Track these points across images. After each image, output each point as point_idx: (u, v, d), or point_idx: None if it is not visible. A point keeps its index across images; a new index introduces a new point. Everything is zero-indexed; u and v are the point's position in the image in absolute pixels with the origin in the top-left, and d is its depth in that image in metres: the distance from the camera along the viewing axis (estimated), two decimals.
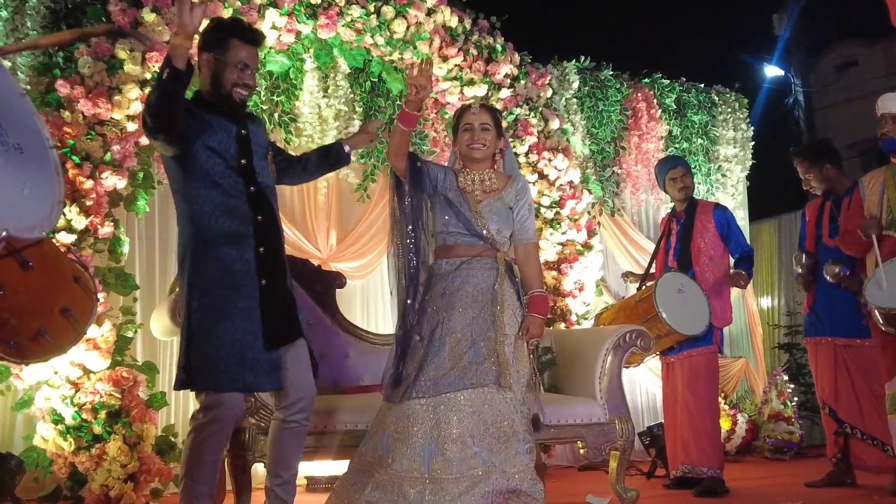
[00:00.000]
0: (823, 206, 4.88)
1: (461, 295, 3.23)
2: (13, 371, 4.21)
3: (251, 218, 3.01)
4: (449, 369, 3.11)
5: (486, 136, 3.33)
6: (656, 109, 6.73)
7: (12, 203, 2.26)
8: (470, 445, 3.03)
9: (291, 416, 3.09)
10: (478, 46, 5.58)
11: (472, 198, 3.31)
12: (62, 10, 4.60)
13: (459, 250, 3.30)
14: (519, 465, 3.05)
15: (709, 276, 4.72)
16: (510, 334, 3.20)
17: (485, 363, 3.12)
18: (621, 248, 6.52)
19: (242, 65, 3.02)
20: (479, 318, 3.20)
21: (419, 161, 3.35)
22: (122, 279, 4.51)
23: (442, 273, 3.30)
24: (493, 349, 3.14)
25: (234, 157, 3.02)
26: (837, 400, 4.71)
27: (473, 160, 3.36)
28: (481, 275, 3.26)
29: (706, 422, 4.62)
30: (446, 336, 3.17)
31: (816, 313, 4.84)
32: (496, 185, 3.36)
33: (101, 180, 4.39)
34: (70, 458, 4.18)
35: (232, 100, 3.04)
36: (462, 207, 3.30)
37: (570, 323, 5.68)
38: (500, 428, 3.08)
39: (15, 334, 2.65)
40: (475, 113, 3.36)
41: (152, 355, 4.77)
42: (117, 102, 4.43)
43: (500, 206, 3.32)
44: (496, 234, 3.29)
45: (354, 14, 5.10)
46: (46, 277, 2.69)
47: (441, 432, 3.04)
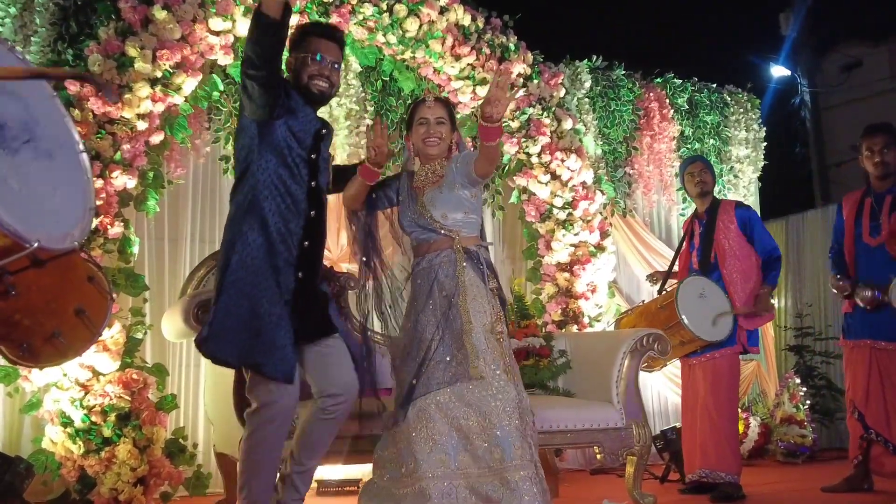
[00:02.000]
0: (863, 202, 4.73)
1: (425, 294, 3.22)
2: (21, 373, 4.16)
3: (305, 210, 3.04)
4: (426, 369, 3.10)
5: (441, 130, 3.30)
6: (668, 109, 6.67)
7: (42, 213, 2.18)
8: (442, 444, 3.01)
9: (331, 408, 3.06)
10: (490, 45, 5.53)
11: (419, 193, 3.30)
12: (71, 6, 4.53)
13: (421, 248, 3.29)
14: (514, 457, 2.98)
15: (736, 277, 4.64)
16: (475, 323, 3.13)
17: (458, 356, 3.09)
18: (633, 250, 6.46)
19: (318, 55, 3.08)
20: (443, 311, 3.16)
21: (373, 193, 3.37)
22: (131, 280, 4.46)
23: (413, 276, 3.32)
24: (465, 340, 3.10)
25: (308, 149, 3.07)
26: (867, 405, 4.62)
27: (428, 155, 3.32)
28: (443, 268, 3.21)
29: (726, 426, 4.56)
30: (417, 337, 3.17)
31: (857, 315, 4.69)
32: (443, 172, 3.31)
33: (111, 180, 4.34)
34: (79, 461, 4.13)
35: (311, 91, 3.10)
36: (411, 206, 3.30)
37: (583, 325, 5.63)
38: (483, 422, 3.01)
39: (28, 336, 2.58)
40: (430, 107, 3.31)
41: (162, 357, 4.72)
42: (127, 101, 4.37)
43: (441, 192, 3.26)
44: (443, 220, 3.23)
45: (367, 12, 5.05)
46: (60, 277, 2.62)
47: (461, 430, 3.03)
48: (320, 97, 3.15)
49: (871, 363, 4.63)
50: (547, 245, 5.78)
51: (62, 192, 2.29)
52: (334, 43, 3.16)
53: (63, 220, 2.26)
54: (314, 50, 3.09)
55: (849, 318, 4.78)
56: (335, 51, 3.16)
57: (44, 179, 2.22)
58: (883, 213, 4.59)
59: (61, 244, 2.24)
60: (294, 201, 3.02)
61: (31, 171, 2.17)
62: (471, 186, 3.26)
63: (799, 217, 8.01)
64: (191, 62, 4.55)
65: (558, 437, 3.96)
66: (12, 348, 2.58)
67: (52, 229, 2.18)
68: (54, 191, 2.25)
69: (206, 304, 3.53)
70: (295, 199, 3.02)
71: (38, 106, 2.33)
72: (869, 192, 4.74)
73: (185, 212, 5.00)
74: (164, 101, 4.50)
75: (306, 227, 3.04)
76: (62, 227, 2.24)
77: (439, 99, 3.39)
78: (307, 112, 3.10)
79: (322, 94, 3.13)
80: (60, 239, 2.22)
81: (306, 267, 3.03)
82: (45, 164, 2.25)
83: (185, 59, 4.52)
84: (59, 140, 2.36)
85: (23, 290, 2.45)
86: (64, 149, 2.37)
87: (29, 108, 2.23)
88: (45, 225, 2.15)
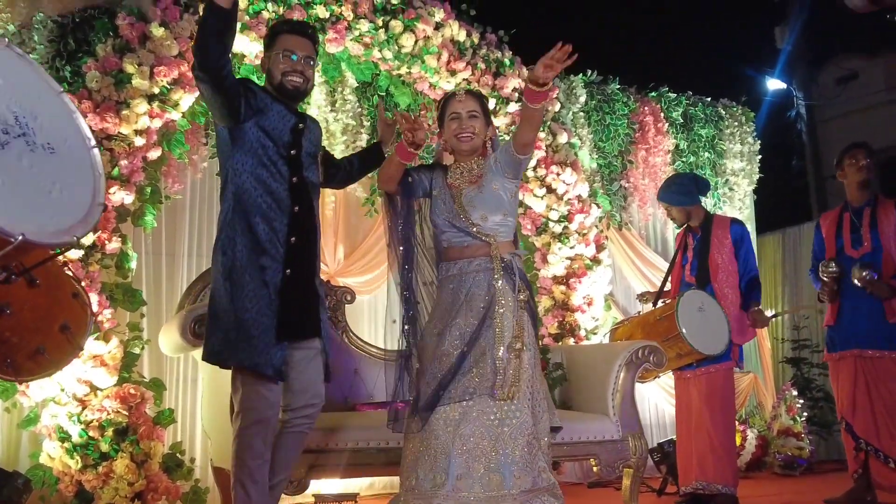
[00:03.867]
0: (842, 217, 4.81)
1: (456, 304, 3.04)
2: (19, 388, 4.17)
3: (289, 207, 3.03)
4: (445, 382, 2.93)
5: (474, 124, 3.14)
6: (663, 123, 6.71)
7: (34, 207, 2.15)
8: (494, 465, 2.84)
9: (297, 420, 3.06)
10: (486, 60, 5.57)
11: (456, 192, 3.13)
12: (69, 24, 4.56)
13: (453, 252, 3.11)
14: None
15: (728, 291, 4.67)
16: (503, 338, 2.94)
17: (476, 371, 2.92)
18: (629, 263, 6.49)
19: (289, 52, 3.10)
20: (471, 324, 2.98)
21: (409, 176, 3.20)
22: (129, 295, 4.47)
23: (441, 281, 3.14)
24: (488, 355, 2.92)
25: (286, 146, 3.06)
26: (854, 416, 4.64)
27: (462, 151, 3.17)
28: (475, 277, 3.04)
29: (722, 438, 4.57)
30: (442, 348, 2.98)
31: (841, 327, 4.73)
32: (481, 171, 3.14)
33: (108, 195, 4.36)
34: (77, 476, 4.13)
35: (285, 88, 3.11)
36: (447, 204, 3.13)
37: (579, 338, 5.65)
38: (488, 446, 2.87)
39: (14, 352, 2.60)
40: (461, 100, 3.17)
41: (159, 372, 4.73)
42: (125, 117, 4.40)
43: (480, 191, 3.09)
44: (482, 223, 3.06)
45: (363, 28, 5.09)
46: (50, 295, 2.64)
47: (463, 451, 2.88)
48: (295, 93, 3.14)
49: (856, 373, 4.65)
50: (543, 258, 5.81)
51: (63, 186, 2.26)
52: (305, 38, 3.16)
53: (60, 214, 2.23)
54: (285, 47, 3.10)
55: (831, 330, 4.81)
56: (307, 46, 3.15)
57: (40, 174, 2.19)
58: (864, 225, 4.67)
59: (55, 239, 2.20)
60: (276, 199, 3.01)
61: (23, 166, 2.15)
62: (513, 178, 3.12)
63: (796, 229, 8.05)
64: (188, 78, 4.58)
65: (554, 450, 3.94)
66: None
67: (45, 224, 2.15)
68: (53, 185, 2.22)
69: (203, 319, 3.55)
70: (276, 196, 3.01)
71: (40, 102, 2.32)
72: (846, 207, 4.83)
73: (183, 227, 5.02)
74: (162, 117, 4.53)
75: (291, 223, 3.03)
76: (58, 222, 2.21)
77: (471, 92, 3.24)
78: (278, 109, 3.08)
79: (297, 89, 3.12)
80: (54, 234, 2.19)
81: (295, 263, 3.02)
82: (43, 159, 2.23)
83: (182, 75, 4.55)
84: (62, 135, 2.34)
85: (17, 308, 2.48)
86: (69, 144, 2.35)
87: (24, 103, 2.23)
88: (36, 219, 2.13)
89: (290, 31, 3.16)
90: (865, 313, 4.61)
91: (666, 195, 4.93)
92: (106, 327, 4.29)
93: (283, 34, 3.13)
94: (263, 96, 3.08)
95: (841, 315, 4.73)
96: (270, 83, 3.14)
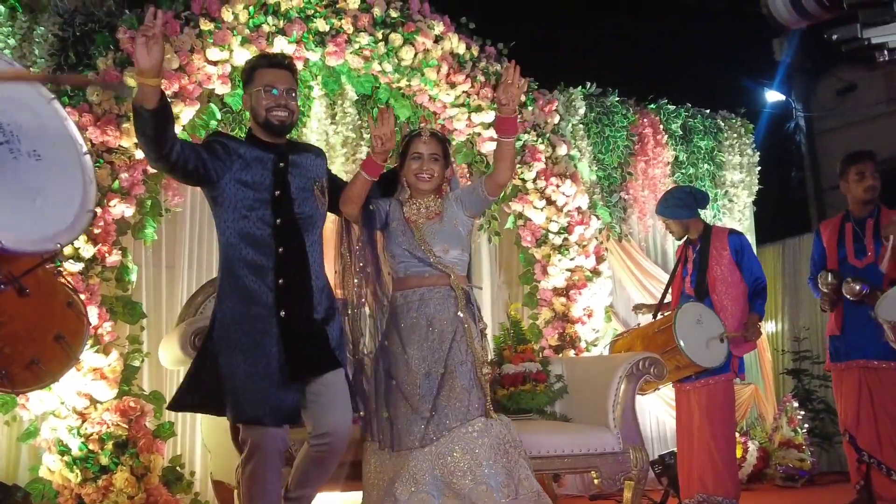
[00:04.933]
0: (844, 227, 4.78)
1: (417, 328, 3.13)
2: (19, 401, 4.17)
3: (273, 249, 2.99)
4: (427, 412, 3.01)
5: (434, 167, 3.21)
6: (662, 135, 6.71)
7: (16, 214, 2.13)
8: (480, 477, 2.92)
9: (320, 447, 3.03)
10: (485, 73, 5.58)
11: (415, 225, 3.21)
12: (70, 37, 4.59)
13: (411, 281, 3.18)
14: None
15: (727, 303, 4.67)
16: (468, 364, 3.10)
17: (463, 396, 3.03)
18: (629, 274, 6.48)
19: (270, 87, 3.05)
20: (437, 350, 3.09)
21: (370, 204, 3.23)
22: (129, 308, 4.48)
23: (397, 307, 3.20)
24: (469, 379, 3.06)
25: (269, 189, 3.01)
26: (858, 427, 4.61)
27: (420, 190, 3.25)
28: (437, 305, 3.14)
29: (723, 450, 4.56)
30: (406, 376, 3.08)
31: (847, 338, 4.69)
32: (439, 208, 3.25)
33: (109, 208, 4.37)
34: (76, 489, 4.13)
35: (271, 124, 3.06)
36: (406, 236, 3.19)
37: (580, 350, 5.64)
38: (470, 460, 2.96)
39: (7, 364, 2.58)
40: (426, 142, 3.22)
41: (159, 385, 4.72)
42: (126, 130, 4.41)
43: (441, 227, 3.20)
44: (444, 255, 3.17)
45: (363, 41, 5.10)
46: (42, 304, 2.62)
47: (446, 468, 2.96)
48: (281, 127, 3.08)
49: (860, 384, 4.61)
50: (543, 270, 5.81)
51: (50, 194, 2.24)
52: (284, 70, 3.11)
53: (45, 222, 2.21)
54: (266, 82, 3.04)
55: (835, 340, 4.77)
56: (287, 78, 3.10)
57: (22, 181, 2.17)
58: (867, 236, 4.65)
59: (36, 247, 2.18)
60: (260, 246, 2.97)
61: (5, 174, 2.13)
62: (471, 217, 3.25)
63: (795, 241, 8.04)
64: (188, 92, 4.60)
65: (556, 462, 3.95)
66: None
67: (26, 232, 2.13)
68: (38, 193, 2.20)
69: (203, 332, 3.54)
70: (261, 243, 2.97)
71: (26, 109, 2.29)
72: (848, 216, 4.80)
73: (183, 240, 5.02)
74: None
75: (277, 265, 2.98)
76: (42, 229, 2.19)
77: (435, 134, 3.29)
78: (255, 155, 3.03)
79: (282, 123, 3.07)
80: (36, 242, 2.17)
81: (288, 304, 2.96)
82: (28, 166, 2.20)
83: (182, 88, 4.57)
84: (51, 142, 2.31)
85: (7, 318, 2.46)
86: (58, 151, 2.32)
87: (9, 111, 2.21)
88: (17, 227, 2.11)
89: (268, 65, 3.10)
90: (870, 324, 4.58)
91: (663, 209, 4.93)
92: (106, 340, 4.30)
93: (261, 69, 3.08)
94: (236, 146, 3.03)
95: (846, 325, 4.69)
96: (255, 121, 3.09)
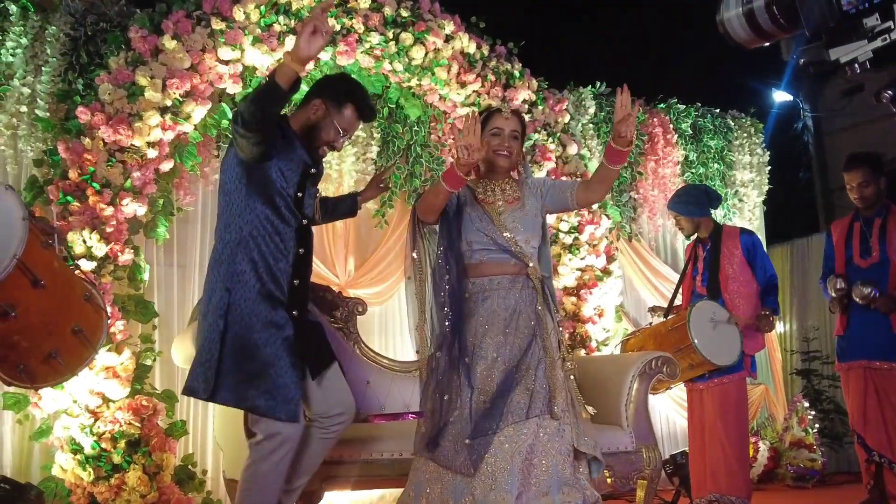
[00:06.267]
0: (852, 226, 4.79)
1: (496, 319, 2.94)
2: (31, 400, 4.17)
3: (294, 249, 2.99)
4: (485, 407, 2.82)
5: (514, 145, 3.07)
6: (672, 134, 6.71)
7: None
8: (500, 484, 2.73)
9: (333, 427, 3.06)
10: (495, 72, 5.58)
11: (493, 209, 3.04)
12: (81, 37, 4.61)
13: (486, 268, 3.00)
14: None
15: (739, 302, 4.67)
16: (554, 358, 2.93)
17: (526, 393, 2.82)
18: (639, 274, 6.48)
19: (344, 131, 3.04)
20: (514, 344, 2.90)
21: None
22: (141, 306, 4.48)
23: (469, 296, 2.99)
24: (538, 375, 2.85)
25: (294, 188, 2.99)
26: (866, 427, 4.61)
27: (496, 168, 3.09)
28: (516, 295, 2.97)
29: (736, 449, 4.55)
30: (476, 367, 2.87)
31: (849, 338, 4.71)
32: (517, 193, 3.10)
33: (121, 207, 4.37)
34: (89, 487, 4.12)
35: (315, 151, 3.06)
36: (484, 221, 3.01)
37: (591, 349, 5.63)
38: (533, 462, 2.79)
39: (25, 358, 2.59)
40: (507, 118, 3.07)
41: (171, 383, 4.72)
42: (138, 129, 4.42)
43: (524, 214, 3.05)
44: (525, 246, 3.01)
45: (373, 41, 5.10)
46: (58, 297, 2.63)
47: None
48: (323, 155, 3.12)
49: (866, 384, 4.61)
50: (553, 269, 5.79)
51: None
52: (364, 123, 3.15)
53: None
54: (346, 125, 3.04)
55: (842, 340, 4.77)
56: (357, 128, 3.15)
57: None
58: (873, 235, 4.65)
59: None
60: (282, 240, 2.96)
61: None
62: (549, 213, 3.15)
63: (804, 241, 8.03)
64: (200, 91, 4.60)
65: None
66: (8, 369, 2.60)
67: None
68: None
69: None
70: (283, 237, 2.96)
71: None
72: (857, 216, 4.81)
73: (195, 238, 5.03)
74: (174, 129, 4.55)
75: (295, 265, 2.98)
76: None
77: (516, 112, 3.15)
78: (300, 152, 3.01)
79: (323, 155, 3.11)
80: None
81: (298, 305, 2.98)
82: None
83: (194, 87, 4.57)
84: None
85: (22, 310, 2.46)
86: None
87: None
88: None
89: (359, 113, 3.07)
90: (873, 325, 4.58)
91: (676, 205, 4.92)
92: (118, 339, 4.30)
93: (352, 110, 3.04)
94: (290, 135, 3.00)
95: (850, 325, 4.71)
96: (305, 132, 3.04)
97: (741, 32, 2.05)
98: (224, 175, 3.00)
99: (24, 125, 4.53)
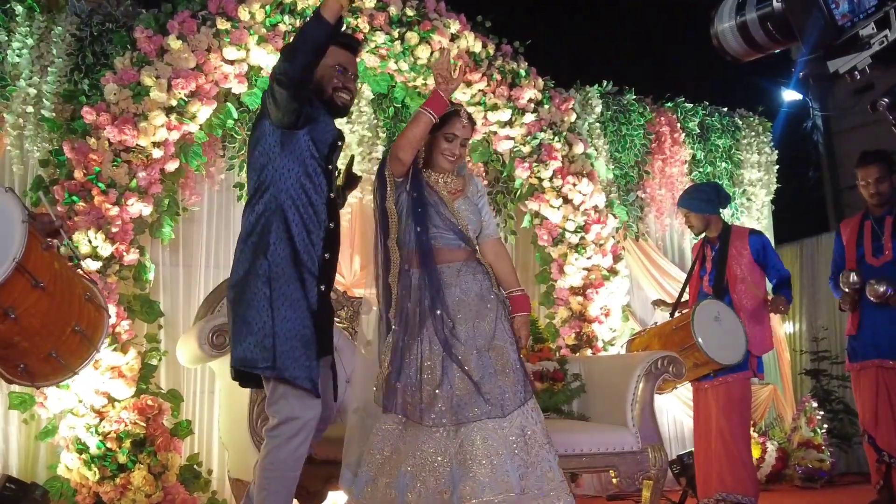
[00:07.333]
0: (863, 225, 4.75)
1: (464, 306, 3.00)
2: (37, 399, 4.18)
3: (325, 222, 2.95)
4: (465, 392, 2.86)
5: (462, 151, 3.17)
6: (680, 133, 6.67)
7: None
8: (500, 465, 2.79)
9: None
10: (501, 71, 5.57)
11: (445, 197, 3.10)
12: (87, 37, 4.62)
13: (442, 254, 3.05)
14: (554, 480, 2.86)
15: (746, 302, 4.64)
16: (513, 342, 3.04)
17: (504, 379, 2.91)
18: (646, 274, 6.45)
19: (342, 68, 3.03)
20: (478, 328, 2.98)
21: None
22: (147, 306, 4.49)
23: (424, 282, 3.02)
24: (508, 361, 2.95)
25: (325, 159, 2.97)
26: (877, 427, 4.58)
27: (440, 167, 3.15)
28: (472, 280, 3.05)
29: (741, 449, 4.53)
30: (453, 352, 2.91)
31: (861, 337, 4.67)
32: (458, 185, 3.18)
33: (126, 207, 4.38)
34: (94, 487, 4.13)
35: (334, 103, 3.04)
36: (439, 207, 3.07)
37: (597, 349, 5.61)
38: (528, 442, 2.88)
39: (26, 357, 2.60)
40: (465, 126, 3.14)
41: (177, 383, 4.73)
42: (143, 129, 4.43)
43: (469, 204, 3.14)
44: (473, 234, 3.12)
45: (378, 40, 5.10)
46: (59, 298, 2.63)
47: (465, 455, 2.81)
48: (344, 110, 3.09)
49: (878, 384, 4.58)
50: (560, 269, 5.78)
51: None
52: (353, 54, 3.11)
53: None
54: (338, 61, 3.01)
55: (853, 340, 4.73)
56: (353, 62, 3.11)
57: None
58: (885, 234, 4.62)
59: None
60: (315, 212, 2.92)
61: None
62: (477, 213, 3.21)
63: (813, 241, 7.99)
64: (205, 91, 4.61)
65: (573, 462, 3.91)
66: (9, 368, 2.61)
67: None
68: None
69: (221, 330, 3.54)
70: (316, 209, 2.92)
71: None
72: (867, 215, 4.77)
73: (200, 239, 5.03)
74: (179, 129, 4.56)
75: (326, 238, 2.94)
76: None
77: (472, 120, 3.22)
78: (327, 122, 3.00)
79: (345, 106, 3.07)
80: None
81: (326, 280, 2.95)
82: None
83: (199, 87, 4.58)
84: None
85: (22, 313, 2.47)
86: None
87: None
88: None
89: (342, 45, 3.04)
90: (886, 324, 4.55)
91: (686, 201, 4.90)
92: (124, 338, 4.31)
93: (336, 47, 3.00)
94: (318, 105, 2.99)
95: (862, 325, 4.66)
96: (318, 95, 3.02)
97: (735, 45, 2.04)
98: (255, 150, 2.95)
99: (30, 125, 4.54)
